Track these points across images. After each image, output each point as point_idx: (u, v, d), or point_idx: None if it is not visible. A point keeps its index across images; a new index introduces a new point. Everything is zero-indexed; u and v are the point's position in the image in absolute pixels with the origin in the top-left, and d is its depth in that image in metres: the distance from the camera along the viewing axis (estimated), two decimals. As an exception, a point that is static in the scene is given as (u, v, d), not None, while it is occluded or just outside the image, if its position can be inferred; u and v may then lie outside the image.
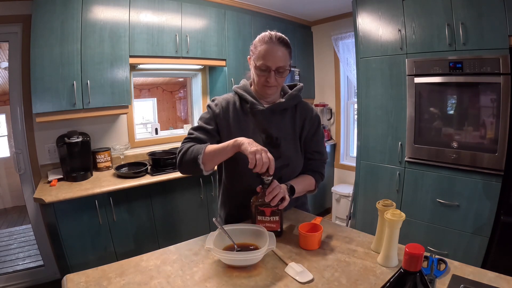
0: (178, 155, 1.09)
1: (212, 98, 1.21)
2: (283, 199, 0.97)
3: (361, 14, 2.38)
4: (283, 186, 1.06)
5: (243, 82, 1.21)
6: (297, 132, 1.18)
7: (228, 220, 1.22)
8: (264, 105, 1.15)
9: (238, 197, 1.17)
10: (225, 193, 1.24)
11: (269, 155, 0.92)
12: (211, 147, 1.03)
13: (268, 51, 1.05)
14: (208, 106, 1.19)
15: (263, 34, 1.09)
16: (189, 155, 1.04)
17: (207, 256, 0.92)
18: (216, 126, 1.15)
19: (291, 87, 1.24)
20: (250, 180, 1.08)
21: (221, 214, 1.27)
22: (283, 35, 1.10)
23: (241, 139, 0.95)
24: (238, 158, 1.05)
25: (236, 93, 1.19)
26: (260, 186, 0.98)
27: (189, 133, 1.13)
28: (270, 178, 0.96)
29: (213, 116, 1.15)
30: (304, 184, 1.17)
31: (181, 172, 1.11)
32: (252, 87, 1.19)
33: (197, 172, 1.04)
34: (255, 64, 1.09)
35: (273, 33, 1.08)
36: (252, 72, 1.13)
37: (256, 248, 0.91)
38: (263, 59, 1.05)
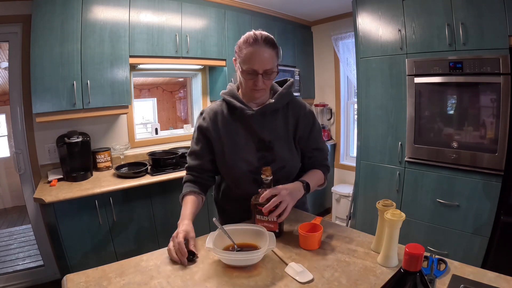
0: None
1: (200, 111, 1.18)
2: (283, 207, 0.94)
3: (361, 14, 2.38)
4: (298, 184, 1.04)
5: (230, 86, 1.16)
6: (290, 131, 1.12)
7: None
8: (254, 108, 1.09)
9: (236, 202, 1.16)
10: (223, 197, 1.22)
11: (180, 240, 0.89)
12: (184, 202, 1.08)
13: (254, 54, 0.98)
14: (197, 122, 1.16)
15: (247, 34, 1.02)
16: (181, 195, 1.12)
17: (207, 256, 0.91)
18: (206, 142, 1.13)
19: (281, 83, 1.18)
20: (247, 187, 1.08)
21: (220, 218, 1.27)
22: (268, 35, 1.02)
23: (179, 226, 0.96)
24: (234, 166, 1.05)
25: (224, 99, 1.14)
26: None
27: (187, 159, 1.19)
28: (270, 178, 0.96)
29: (200, 134, 1.14)
30: (316, 179, 1.14)
31: None
32: (239, 90, 1.14)
33: None
34: (241, 68, 1.02)
35: (257, 33, 1.01)
36: (239, 75, 1.07)
37: (256, 248, 0.91)
38: (249, 63, 0.99)
